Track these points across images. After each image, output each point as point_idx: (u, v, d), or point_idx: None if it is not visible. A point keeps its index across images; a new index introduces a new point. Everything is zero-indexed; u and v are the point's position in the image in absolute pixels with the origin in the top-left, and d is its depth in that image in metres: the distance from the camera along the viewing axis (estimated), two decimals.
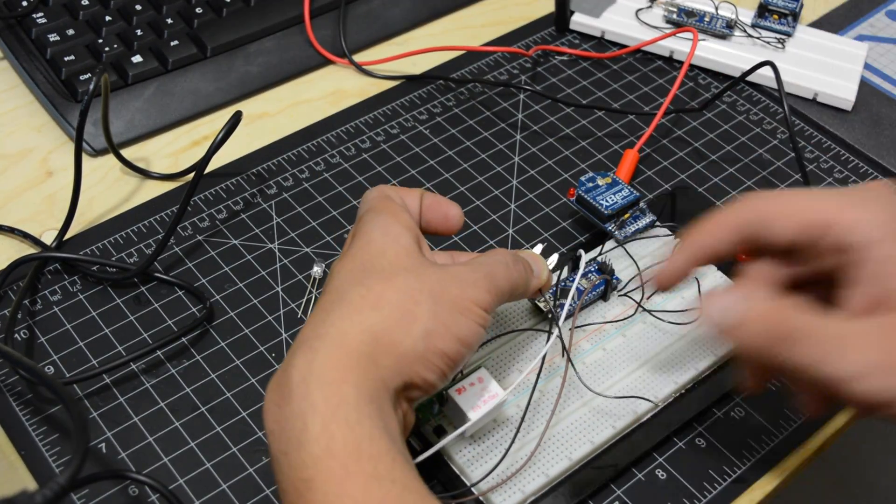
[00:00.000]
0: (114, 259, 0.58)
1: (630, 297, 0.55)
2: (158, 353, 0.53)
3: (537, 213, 0.62)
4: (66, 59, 0.66)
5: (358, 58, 0.71)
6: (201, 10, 0.70)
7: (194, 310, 0.55)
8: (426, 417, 0.47)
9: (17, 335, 0.54)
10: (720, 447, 0.51)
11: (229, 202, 0.61)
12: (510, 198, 0.63)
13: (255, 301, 0.56)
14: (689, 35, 0.71)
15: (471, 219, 0.61)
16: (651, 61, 0.73)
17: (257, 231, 0.60)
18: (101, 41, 0.67)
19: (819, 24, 0.76)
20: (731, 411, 0.52)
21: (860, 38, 0.75)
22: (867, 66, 0.72)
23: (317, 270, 0.57)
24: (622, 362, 0.52)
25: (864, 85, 0.71)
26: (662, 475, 0.49)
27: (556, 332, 0.49)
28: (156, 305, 0.55)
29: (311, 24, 0.71)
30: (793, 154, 0.66)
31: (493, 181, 0.64)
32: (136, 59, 0.66)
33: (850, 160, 0.66)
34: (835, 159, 0.66)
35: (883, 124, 0.68)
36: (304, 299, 0.56)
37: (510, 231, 0.61)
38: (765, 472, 0.50)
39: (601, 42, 0.74)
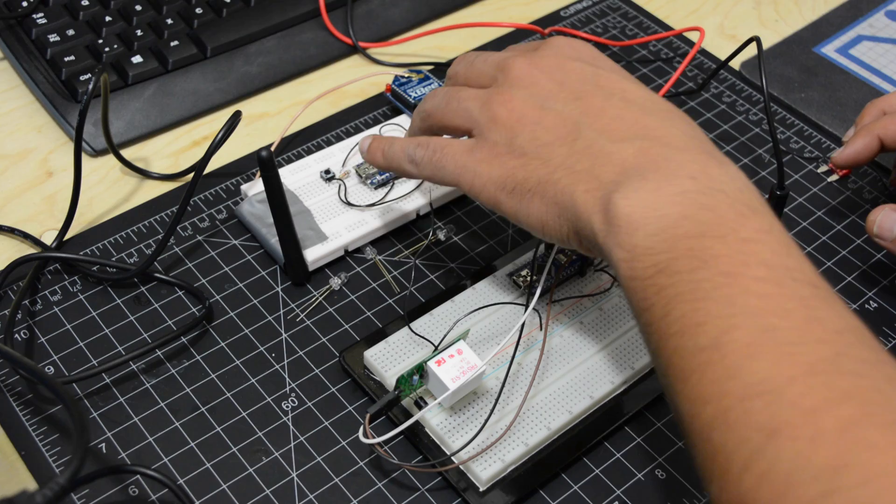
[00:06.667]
0: (114, 259, 0.58)
1: (606, 272, 0.56)
2: (158, 352, 0.53)
3: None
4: (66, 59, 0.66)
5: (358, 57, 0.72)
6: (201, 11, 0.70)
7: (194, 310, 0.55)
8: (407, 390, 0.49)
9: (17, 335, 0.54)
10: None
11: (229, 202, 0.61)
12: None
13: (255, 301, 0.56)
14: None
15: (471, 219, 0.61)
16: (651, 62, 0.73)
17: None
18: (101, 41, 0.67)
19: (819, 23, 0.76)
20: None
21: (860, 38, 0.75)
22: (867, 66, 0.72)
23: None
24: (599, 335, 0.53)
25: (864, 85, 0.71)
26: (662, 475, 0.49)
27: (532, 303, 0.50)
28: (156, 305, 0.56)
29: (323, 17, 0.72)
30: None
31: None
32: (136, 59, 0.67)
33: None
34: None
35: None
36: (304, 299, 0.56)
37: (510, 231, 0.61)
38: None
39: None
